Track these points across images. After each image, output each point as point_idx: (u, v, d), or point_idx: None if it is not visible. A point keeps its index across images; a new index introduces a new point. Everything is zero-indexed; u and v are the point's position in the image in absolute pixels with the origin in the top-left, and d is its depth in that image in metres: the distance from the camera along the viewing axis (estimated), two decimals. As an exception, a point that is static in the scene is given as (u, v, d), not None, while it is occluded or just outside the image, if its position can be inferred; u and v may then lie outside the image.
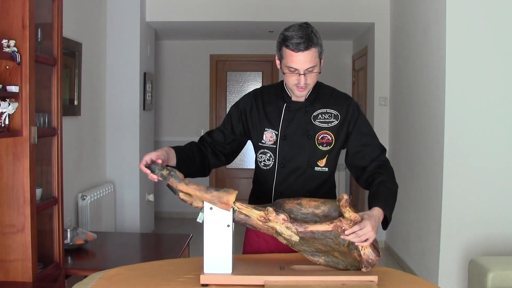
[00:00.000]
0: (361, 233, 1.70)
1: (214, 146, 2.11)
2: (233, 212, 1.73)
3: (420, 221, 4.27)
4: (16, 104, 2.37)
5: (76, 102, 4.35)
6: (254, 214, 1.73)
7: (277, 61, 2.00)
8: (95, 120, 4.92)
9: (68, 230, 3.25)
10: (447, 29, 3.64)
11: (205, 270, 1.72)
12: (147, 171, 1.76)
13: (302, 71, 1.91)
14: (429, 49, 4.06)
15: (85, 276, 1.96)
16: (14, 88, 2.35)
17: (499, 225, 3.65)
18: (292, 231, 1.72)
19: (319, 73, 1.96)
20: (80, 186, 4.47)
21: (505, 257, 3.06)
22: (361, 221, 1.72)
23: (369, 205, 1.86)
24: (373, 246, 1.74)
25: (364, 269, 1.75)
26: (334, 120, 2.04)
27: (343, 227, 1.71)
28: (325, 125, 2.03)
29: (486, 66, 3.62)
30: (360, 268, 1.75)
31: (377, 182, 1.93)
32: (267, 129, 2.07)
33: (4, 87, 2.34)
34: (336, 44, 6.74)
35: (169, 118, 7.00)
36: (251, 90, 2.18)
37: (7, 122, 2.36)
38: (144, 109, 5.44)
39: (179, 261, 2.15)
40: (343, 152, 2.10)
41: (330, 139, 2.03)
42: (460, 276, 3.70)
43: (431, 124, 3.99)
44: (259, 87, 2.22)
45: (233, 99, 6.89)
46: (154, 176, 1.76)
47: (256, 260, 1.90)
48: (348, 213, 1.71)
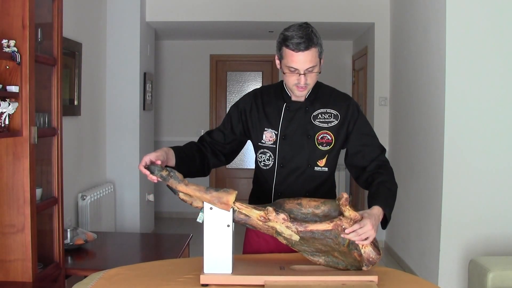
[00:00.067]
0: (361, 232, 1.70)
1: (214, 146, 2.11)
2: (233, 212, 1.73)
3: (420, 221, 4.26)
4: (16, 104, 2.37)
5: (76, 102, 4.35)
6: (254, 214, 1.73)
7: (277, 61, 2.00)
8: (95, 120, 4.92)
9: (68, 230, 3.25)
10: (447, 29, 3.64)
11: (205, 270, 1.72)
12: (147, 172, 1.76)
13: (302, 71, 1.91)
14: (429, 49, 4.06)
15: (85, 276, 1.95)
16: (14, 88, 2.35)
17: (499, 225, 3.65)
18: (292, 231, 1.72)
19: (319, 73, 1.97)
20: (80, 186, 4.47)
21: (505, 257, 3.06)
22: (361, 220, 1.72)
23: (369, 205, 1.86)
24: (374, 245, 1.74)
25: (365, 268, 1.75)
26: (334, 120, 2.04)
27: (343, 226, 1.71)
28: (325, 125, 2.03)
29: (486, 66, 3.62)
30: (360, 268, 1.76)
31: (377, 182, 1.93)
32: (267, 129, 2.07)
33: (4, 87, 2.34)
34: (336, 44, 6.73)
35: (169, 118, 7.00)
36: (251, 90, 2.18)
37: (7, 122, 2.36)
38: (144, 109, 5.43)
39: (179, 261, 2.15)
40: (343, 152, 2.10)
41: (330, 139, 2.04)
42: (460, 276, 3.70)
43: (431, 124, 3.99)
44: (259, 87, 2.22)
45: (233, 99, 6.89)
46: (154, 177, 1.76)
47: (256, 260, 1.90)
48: (348, 212, 1.71)
